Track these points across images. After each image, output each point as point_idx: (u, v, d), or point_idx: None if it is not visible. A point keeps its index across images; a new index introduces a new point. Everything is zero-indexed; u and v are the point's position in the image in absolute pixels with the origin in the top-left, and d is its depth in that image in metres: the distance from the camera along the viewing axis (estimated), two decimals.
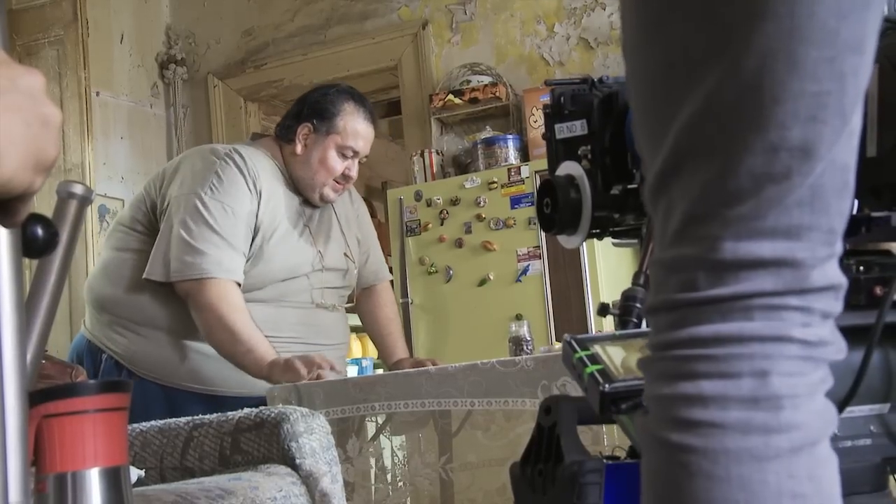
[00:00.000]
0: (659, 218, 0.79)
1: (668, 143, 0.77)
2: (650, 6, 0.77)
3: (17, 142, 0.59)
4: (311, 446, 1.61)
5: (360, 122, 2.61)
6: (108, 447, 0.82)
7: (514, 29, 4.24)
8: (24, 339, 0.73)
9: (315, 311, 2.64)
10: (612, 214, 1.08)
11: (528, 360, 2.19)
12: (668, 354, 0.76)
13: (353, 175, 2.64)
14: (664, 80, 0.77)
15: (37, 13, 4.25)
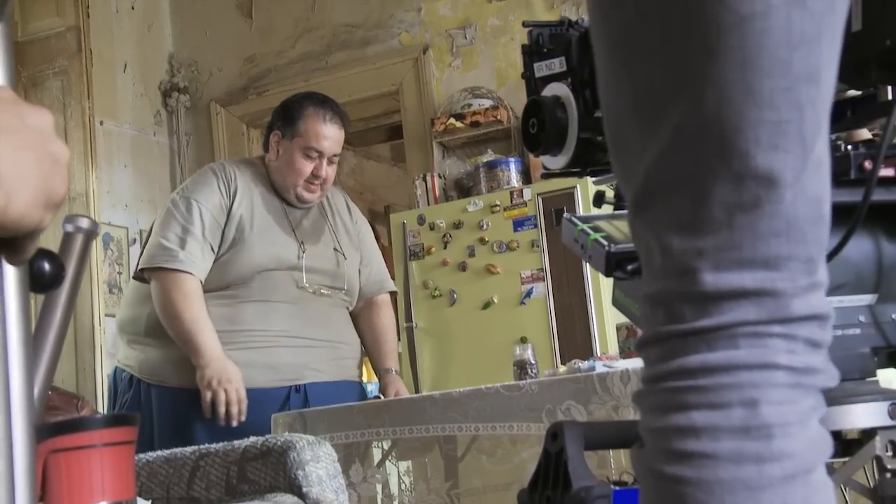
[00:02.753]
0: (641, 252, 0.81)
1: (640, 178, 0.79)
2: (616, 48, 0.80)
3: (28, 180, 0.59)
4: (318, 474, 1.60)
5: (321, 123, 2.70)
6: (116, 481, 0.82)
7: (514, 52, 4.26)
8: (32, 374, 0.73)
9: (305, 306, 2.66)
10: (596, 137, 1.10)
11: (533, 384, 2.19)
12: (658, 387, 0.77)
13: (324, 174, 2.70)
14: (632, 117, 0.80)
15: (41, 44, 4.28)
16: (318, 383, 2.64)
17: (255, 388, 2.55)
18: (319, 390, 2.63)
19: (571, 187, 3.63)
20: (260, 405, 2.55)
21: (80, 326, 4.15)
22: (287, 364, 2.61)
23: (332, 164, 2.74)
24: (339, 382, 2.70)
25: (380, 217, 6.64)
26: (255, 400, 2.55)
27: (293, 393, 2.61)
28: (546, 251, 3.64)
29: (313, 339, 2.66)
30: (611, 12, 0.81)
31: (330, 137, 2.70)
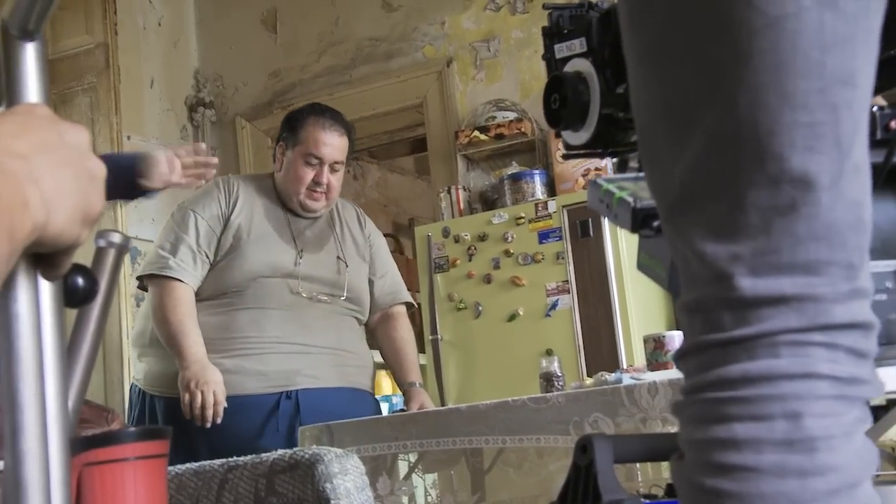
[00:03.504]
0: (679, 261, 0.80)
1: (674, 186, 0.79)
2: (647, 55, 0.80)
3: (67, 196, 0.60)
4: (346, 487, 1.60)
5: (320, 130, 2.73)
6: (149, 494, 0.82)
7: (538, 64, 4.26)
8: (66, 387, 0.74)
9: (301, 312, 2.66)
10: (618, 113, 1.09)
11: (560, 396, 2.18)
12: (699, 398, 0.76)
13: (325, 181, 2.71)
14: (665, 124, 0.80)
15: (71, 62, 4.33)
16: (311, 390, 2.62)
17: (246, 394, 2.56)
18: (312, 397, 2.61)
19: None
20: (250, 412, 2.57)
21: (108, 340, 4.18)
22: (278, 371, 2.60)
23: (336, 172, 2.75)
24: (337, 389, 2.67)
25: (404, 230, 6.65)
26: (245, 406, 2.56)
27: (283, 399, 2.59)
28: (571, 263, 3.63)
29: (308, 346, 2.64)
30: (641, 19, 0.80)
31: (330, 144, 2.73)
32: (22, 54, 0.69)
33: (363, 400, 2.75)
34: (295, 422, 2.58)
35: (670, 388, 1.99)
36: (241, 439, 2.47)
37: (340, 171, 2.78)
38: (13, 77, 0.69)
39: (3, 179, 0.54)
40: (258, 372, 2.59)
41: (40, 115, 0.63)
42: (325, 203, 2.76)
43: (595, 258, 3.59)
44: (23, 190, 0.55)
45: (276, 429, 2.58)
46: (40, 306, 0.68)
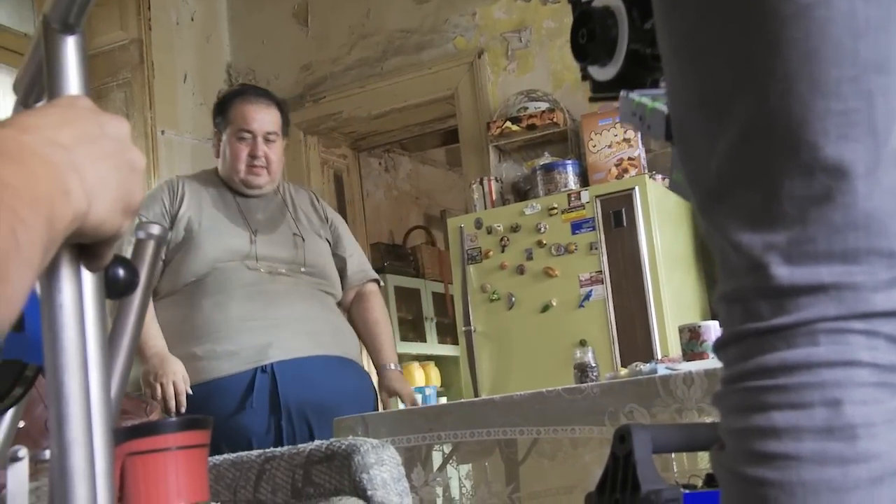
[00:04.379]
0: (716, 252, 0.80)
1: (709, 177, 0.79)
2: (680, 47, 0.81)
3: (108, 187, 0.61)
4: (382, 477, 1.61)
5: (246, 105, 2.80)
6: (191, 484, 0.83)
7: (569, 54, 4.22)
8: (109, 378, 0.75)
9: (264, 288, 2.68)
10: (645, 49, 1.08)
11: (595, 387, 2.17)
12: (738, 387, 0.76)
13: (260, 153, 2.76)
14: (699, 115, 0.80)
15: (106, 58, 4.37)
16: (286, 361, 2.62)
17: (220, 377, 2.59)
18: (288, 367, 2.61)
19: (630, 189, 3.60)
20: (226, 392, 2.59)
21: None
22: (248, 347, 2.61)
23: (271, 143, 2.80)
24: (313, 358, 2.66)
25: (436, 222, 6.66)
26: (221, 388, 2.58)
27: (259, 374, 2.60)
28: (605, 254, 3.61)
29: (276, 319, 2.65)
30: (674, 12, 0.81)
31: (257, 117, 2.78)
32: (63, 48, 0.70)
33: (343, 367, 2.73)
34: (274, 395, 2.59)
35: (706, 378, 1.98)
36: (223, 420, 2.51)
37: (277, 143, 2.82)
38: (55, 70, 0.69)
39: (45, 168, 0.55)
40: (229, 353, 2.61)
41: (82, 107, 0.64)
42: (267, 177, 2.80)
43: (629, 248, 3.57)
44: (64, 179, 0.56)
45: (254, 404, 2.58)
46: (83, 297, 0.69)
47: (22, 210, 0.49)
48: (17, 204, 0.49)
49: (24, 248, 0.48)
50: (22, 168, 0.53)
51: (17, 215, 0.49)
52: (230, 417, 2.55)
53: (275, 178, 2.84)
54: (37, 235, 0.51)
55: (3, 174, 0.50)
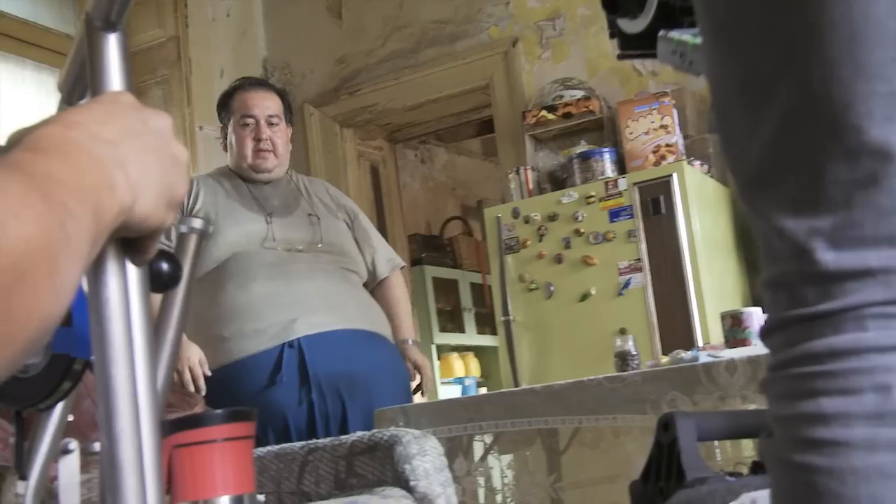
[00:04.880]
0: (760, 239, 0.80)
1: (752, 164, 0.78)
2: (720, 32, 0.79)
3: (152, 180, 0.61)
4: (425, 468, 1.61)
5: (245, 93, 2.89)
6: (237, 475, 0.84)
7: (604, 42, 4.21)
8: (155, 371, 0.75)
9: (285, 267, 2.69)
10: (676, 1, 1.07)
11: (636, 375, 2.16)
12: (785, 374, 0.75)
13: (265, 136, 2.83)
14: (740, 102, 0.79)
15: (144, 55, 4.41)
16: (313, 335, 2.62)
17: (248, 355, 2.60)
18: (315, 341, 2.62)
19: (668, 175, 3.57)
20: (255, 369, 2.60)
21: None
22: (274, 324, 2.62)
23: (274, 127, 2.86)
24: (339, 332, 2.66)
25: (472, 212, 6.65)
26: (249, 367, 2.60)
27: (286, 349, 2.60)
28: (643, 241, 3.59)
29: (300, 295, 2.66)
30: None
31: (258, 103, 2.86)
32: (105, 45, 0.71)
33: (371, 340, 2.73)
34: (303, 369, 2.60)
35: (749, 365, 1.96)
36: (252, 399, 2.53)
37: (280, 128, 2.88)
38: (97, 67, 0.70)
39: (92, 163, 0.55)
40: (255, 331, 2.62)
41: (125, 103, 0.64)
42: (275, 160, 2.85)
43: (668, 235, 3.54)
44: (110, 174, 0.57)
45: (283, 379, 2.58)
46: (129, 291, 0.69)
47: (71, 204, 0.50)
48: (66, 198, 0.50)
49: (73, 242, 0.49)
50: (69, 163, 0.53)
51: (66, 209, 0.49)
52: (261, 394, 2.57)
53: (283, 162, 2.90)
54: (85, 228, 0.51)
55: (52, 169, 0.51)
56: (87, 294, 0.79)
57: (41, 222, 0.46)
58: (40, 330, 0.46)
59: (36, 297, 0.45)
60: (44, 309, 0.46)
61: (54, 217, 0.48)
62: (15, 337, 0.44)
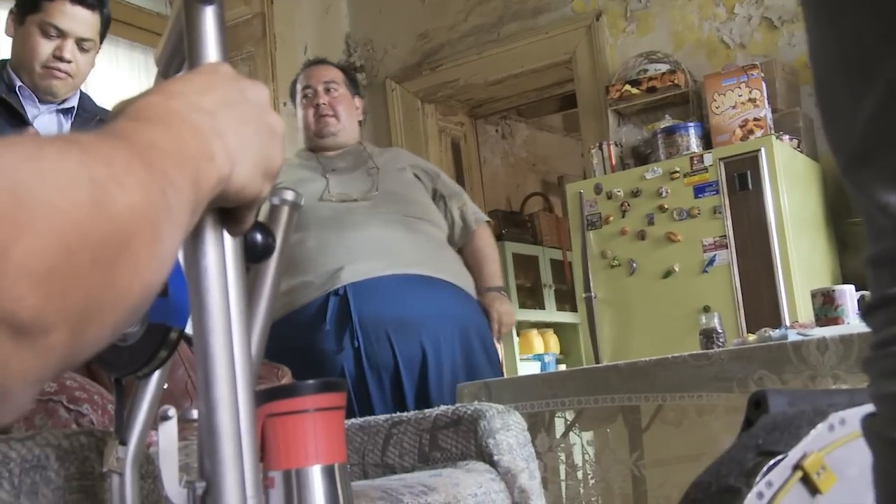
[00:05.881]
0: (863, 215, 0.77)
1: (854, 139, 0.75)
2: (823, 6, 0.77)
3: (249, 151, 0.62)
4: (509, 443, 1.61)
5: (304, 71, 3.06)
6: (328, 445, 0.85)
7: (691, 14, 4.12)
8: (250, 341, 0.77)
9: (340, 219, 2.68)
10: None
11: (723, 353, 2.12)
12: (888, 351, 0.73)
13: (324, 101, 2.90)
14: (842, 77, 0.76)
15: (230, 33, 4.45)
16: (359, 282, 2.58)
17: (297, 307, 2.60)
18: (361, 287, 2.57)
19: (755, 150, 3.50)
20: (301, 320, 2.59)
21: None
22: (322, 274, 2.60)
23: (333, 92, 2.91)
24: (388, 277, 2.60)
25: (553, 188, 6.61)
26: (297, 318, 2.59)
27: (332, 298, 2.58)
28: (729, 217, 3.52)
29: (350, 244, 2.63)
30: None
31: (314, 74, 2.97)
32: (202, 17, 0.72)
33: (428, 284, 2.66)
34: (346, 316, 2.57)
35: (841, 343, 1.91)
36: (302, 348, 2.54)
37: (341, 94, 2.94)
38: (195, 39, 0.71)
39: (192, 133, 0.56)
40: (304, 283, 2.62)
41: (223, 73, 0.65)
42: (337, 124, 2.89)
43: (754, 211, 3.47)
44: (209, 143, 0.57)
45: (328, 327, 2.57)
46: (226, 262, 0.70)
47: (172, 172, 0.51)
48: (167, 167, 0.51)
49: (174, 210, 0.49)
50: (171, 132, 0.54)
51: (167, 177, 0.50)
52: (308, 343, 2.58)
53: (347, 127, 2.91)
54: (185, 197, 0.52)
55: (154, 138, 0.52)
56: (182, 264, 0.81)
57: (145, 191, 0.47)
58: (142, 297, 0.47)
59: (138, 265, 0.45)
60: (145, 277, 0.46)
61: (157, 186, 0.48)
62: (118, 304, 0.44)
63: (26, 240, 0.38)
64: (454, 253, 2.82)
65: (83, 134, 0.48)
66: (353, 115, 2.95)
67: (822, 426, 0.82)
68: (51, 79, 2.30)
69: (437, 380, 2.58)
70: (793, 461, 0.80)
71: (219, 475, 0.67)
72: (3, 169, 0.38)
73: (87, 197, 0.42)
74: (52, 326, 0.39)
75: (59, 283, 0.39)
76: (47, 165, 0.41)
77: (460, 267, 2.79)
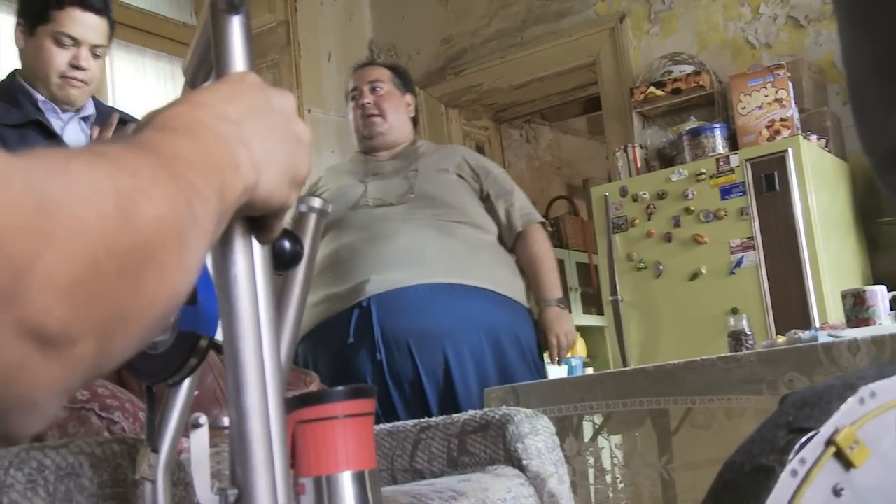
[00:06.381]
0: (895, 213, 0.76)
1: (889, 137, 0.75)
2: (855, 9, 0.77)
3: (275, 159, 0.62)
4: (537, 447, 1.61)
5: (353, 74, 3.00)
6: (358, 451, 0.85)
7: (716, 14, 4.10)
8: (280, 348, 0.77)
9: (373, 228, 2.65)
10: None
11: (752, 355, 2.11)
12: None
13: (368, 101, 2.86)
14: (875, 79, 0.76)
15: (256, 40, 4.47)
16: (382, 293, 2.56)
17: (323, 320, 2.61)
18: (385, 299, 2.55)
19: (783, 151, 3.47)
20: (328, 333, 2.60)
21: None
22: (348, 286, 2.60)
23: (378, 91, 2.87)
24: (415, 287, 2.57)
25: (578, 191, 6.59)
26: (324, 331, 2.60)
27: (356, 310, 2.56)
28: (756, 218, 3.50)
29: (378, 254, 2.60)
30: None
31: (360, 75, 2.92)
32: (229, 27, 0.72)
33: (457, 293, 2.60)
34: (369, 329, 2.55)
35: (874, 345, 1.89)
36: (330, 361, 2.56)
37: (387, 92, 2.89)
38: (222, 49, 0.72)
39: (217, 142, 0.56)
40: (331, 296, 2.62)
41: (250, 83, 0.65)
42: (384, 124, 2.85)
43: (782, 212, 3.45)
44: (234, 153, 0.58)
45: (351, 340, 2.56)
46: (255, 270, 0.71)
47: (198, 183, 0.51)
48: (193, 177, 0.51)
49: (199, 220, 0.50)
50: (197, 143, 0.54)
51: (193, 188, 0.50)
52: (335, 357, 2.59)
53: (395, 126, 2.86)
54: (211, 207, 0.52)
55: (180, 149, 0.52)
56: (211, 273, 0.81)
57: (171, 201, 0.47)
58: (168, 307, 0.47)
59: (164, 275, 0.46)
60: (172, 286, 0.47)
61: (183, 196, 0.48)
62: (144, 314, 0.44)
63: (52, 251, 0.38)
64: (496, 255, 2.74)
65: (109, 145, 0.49)
66: (402, 112, 2.90)
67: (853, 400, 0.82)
68: (69, 88, 2.30)
69: (465, 390, 2.55)
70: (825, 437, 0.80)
71: (251, 482, 0.67)
72: (31, 182, 0.39)
73: (114, 208, 0.42)
74: (79, 337, 0.40)
75: (86, 294, 0.40)
76: (74, 178, 0.41)
77: (502, 270, 2.72)
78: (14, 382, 0.38)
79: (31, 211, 0.38)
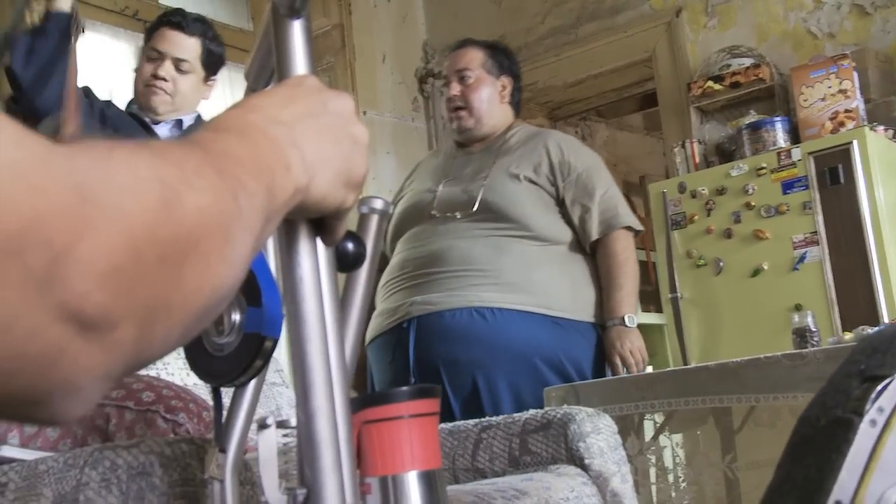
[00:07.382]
0: None
1: None
2: None
3: (328, 161, 0.62)
4: (599, 446, 1.60)
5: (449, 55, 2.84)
6: (424, 451, 0.85)
7: (775, 5, 4.03)
8: (344, 349, 0.77)
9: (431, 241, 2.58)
10: None
11: (818, 352, 2.07)
12: None
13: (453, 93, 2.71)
14: None
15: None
16: (425, 315, 2.49)
17: (374, 336, 2.60)
18: (426, 322, 2.49)
19: (847, 143, 3.40)
20: (377, 350, 2.60)
21: None
22: (398, 304, 2.56)
23: (466, 80, 2.71)
24: (457, 311, 2.48)
25: (635, 188, 6.53)
26: (375, 347, 2.61)
27: (399, 331, 2.52)
28: (820, 213, 3.43)
29: (429, 272, 2.53)
30: None
31: (451, 62, 2.77)
32: (290, 31, 0.73)
33: (489, 318, 2.48)
34: (407, 351, 2.51)
35: None
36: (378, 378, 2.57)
37: (476, 80, 2.71)
38: (283, 53, 0.72)
39: (268, 143, 0.57)
40: (384, 311, 2.60)
41: (308, 86, 0.66)
42: (469, 118, 2.69)
43: (847, 206, 3.38)
44: (285, 154, 0.58)
45: (393, 363, 2.53)
46: (321, 272, 0.71)
47: (244, 179, 0.51)
48: (239, 172, 0.51)
49: (245, 215, 0.50)
50: (246, 142, 0.55)
51: (239, 182, 0.50)
52: (381, 375, 2.60)
53: (482, 118, 2.68)
54: (258, 203, 0.52)
55: (228, 147, 0.53)
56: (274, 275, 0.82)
57: (216, 194, 0.47)
58: (211, 300, 0.46)
59: (207, 266, 0.45)
60: (215, 279, 0.46)
61: (228, 190, 0.49)
62: (186, 304, 0.44)
63: (92, 237, 0.39)
64: (559, 268, 2.57)
65: (159, 141, 0.49)
66: (494, 99, 2.69)
67: None
68: (150, 95, 2.48)
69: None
70: None
71: (319, 482, 0.67)
72: (73, 168, 0.39)
73: (156, 197, 0.42)
74: (119, 321, 0.40)
75: (126, 280, 0.40)
76: (115, 165, 0.42)
77: (562, 285, 2.56)
78: (55, 366, 0.38)
79: (72, 196, 0.38)
